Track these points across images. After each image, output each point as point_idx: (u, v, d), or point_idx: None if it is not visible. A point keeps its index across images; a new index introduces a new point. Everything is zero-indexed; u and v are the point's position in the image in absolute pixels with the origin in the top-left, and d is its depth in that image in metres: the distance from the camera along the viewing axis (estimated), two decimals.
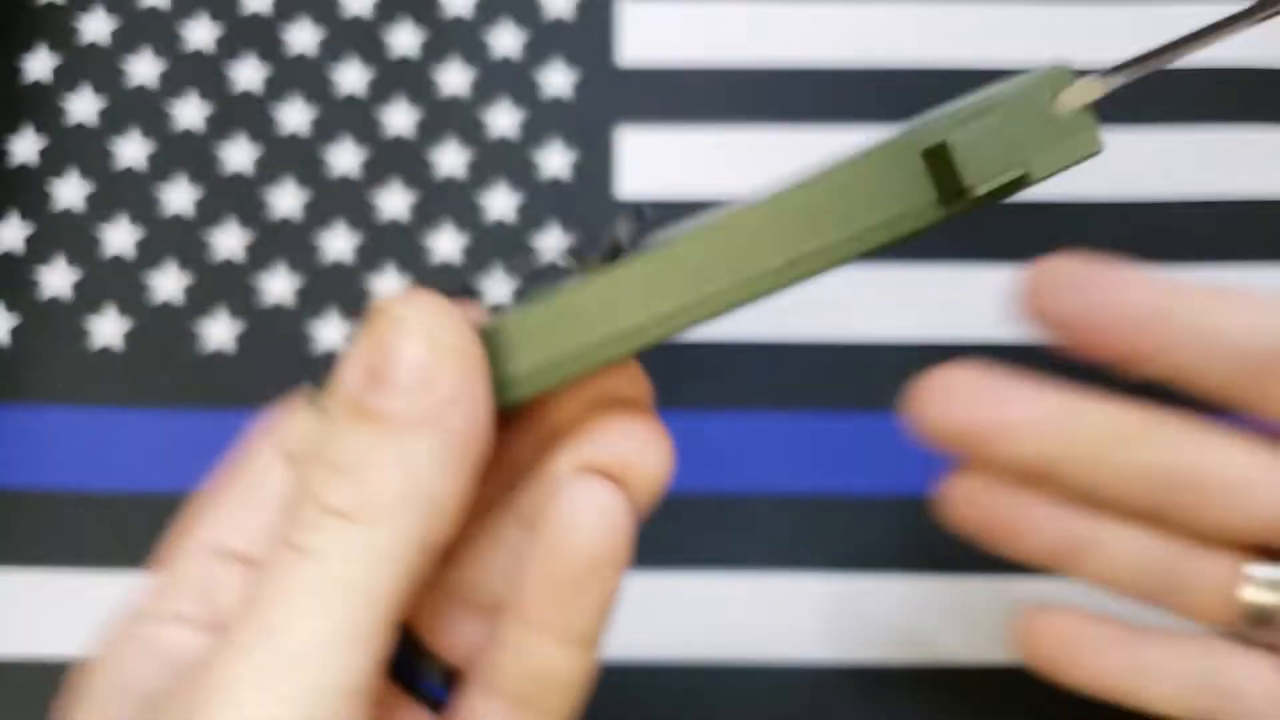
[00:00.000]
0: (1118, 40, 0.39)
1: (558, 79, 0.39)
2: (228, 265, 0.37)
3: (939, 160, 0.20)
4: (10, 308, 0.36)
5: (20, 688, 0.32)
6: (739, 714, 0.33)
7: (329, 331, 0.36)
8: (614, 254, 0.20)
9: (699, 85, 0.39)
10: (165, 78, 0.38)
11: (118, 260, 0.36)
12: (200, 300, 0.36)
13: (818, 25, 0.40)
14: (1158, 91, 0.38)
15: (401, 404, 0.19)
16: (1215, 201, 0.37)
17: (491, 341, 0.21)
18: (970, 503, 0.25)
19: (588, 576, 0.20)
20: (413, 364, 0.19)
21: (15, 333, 0.36)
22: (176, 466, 0.34)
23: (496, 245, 0.37)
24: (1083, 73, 0.20)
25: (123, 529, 0.34)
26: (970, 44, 0.39)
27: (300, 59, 0.39)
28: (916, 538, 0.34)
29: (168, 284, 0.36)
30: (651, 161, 0.38)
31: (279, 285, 0.36)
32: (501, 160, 0.38)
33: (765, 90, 0.39)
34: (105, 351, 0.36)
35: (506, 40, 0.39)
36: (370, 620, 0.19)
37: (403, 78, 0.39)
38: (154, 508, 0.34)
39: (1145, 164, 0.38)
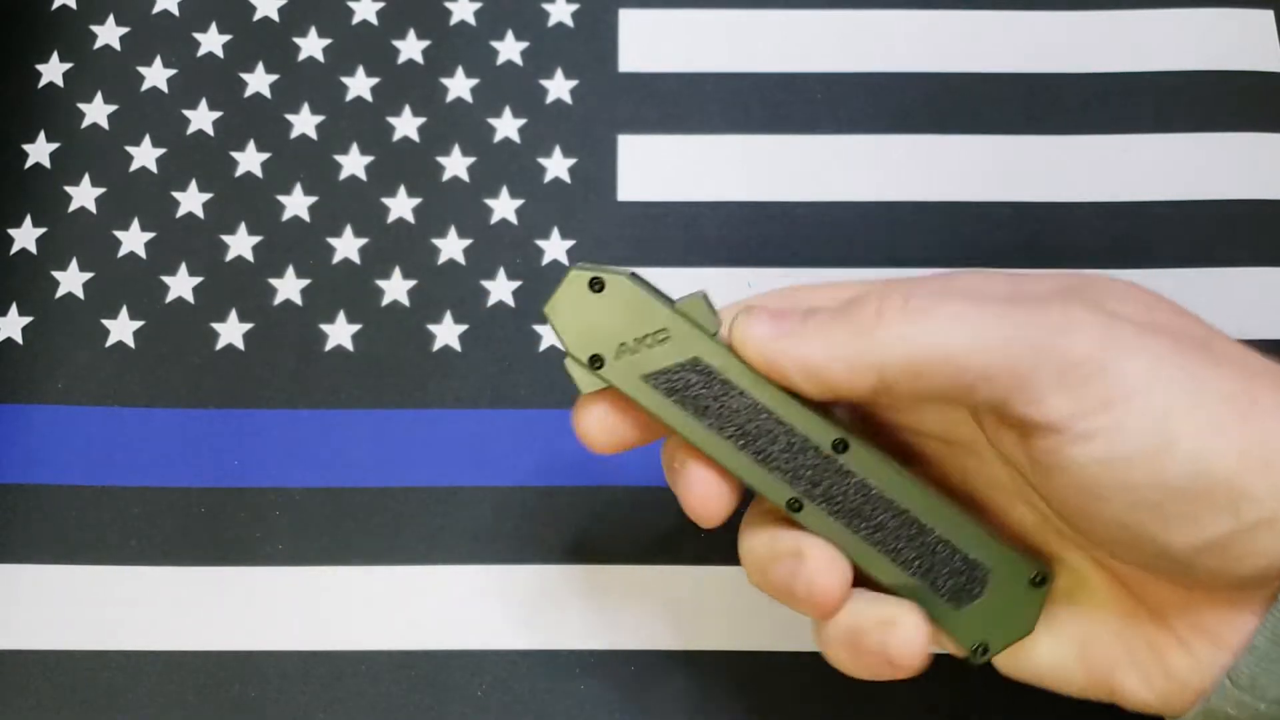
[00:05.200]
0: (1099, 46, 0.40)
1: (559, 85, 0.40)
2: (238, 266, 0.37)
3: None
4: (24, 308, 0.37)
5: (41, 679, 0.33)
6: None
7: (337, 331, 0.37)
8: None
9: (698, 92, 0.40)
10: (176, 83, 0.39)
11: (130, 261, 0.37)
12: (211, 300, 0.37)
13: (814, 34, 0.40)
14: (1147, 97, 0.39)
15: None
16: (1201, 203, 0.38)
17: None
18: None
19: None
20: None
21: (29, 332, 0.36)
22: (188, 463, 0.35)
23: (499, 247, 0.38)
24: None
25: (137, 525, 0.34)
26: (959, 50, 0.40)
27: (309, 65, 0.40)
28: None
29: (179, 285, 0.37)
30: (651, 166, 0.39)
31: (288, 285, 0.37)
32: (504, 164, 0.39)
33: (763, 96, 0.40)
34: (118, 351, 0.36)
35: (509, 48, 0.40)
36: None
37: (408, 84, 0.40)
38: (167, 504, 0.35)
39: (1131, 168, 0.39)
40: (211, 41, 0.40)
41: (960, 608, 0.26)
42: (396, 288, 0.37)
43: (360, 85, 0.40)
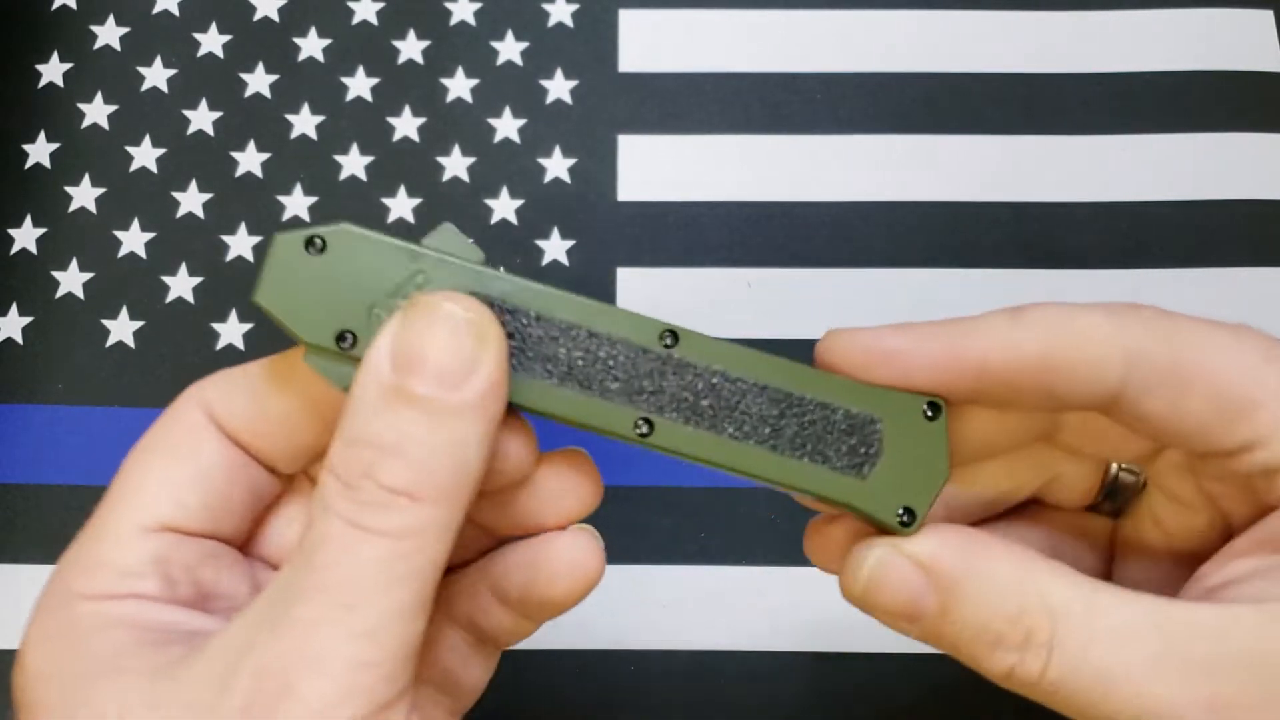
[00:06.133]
0: (1099, 46, 0.40)
1: (559, 85, 0.40)
2: (238, 266, 0.37)
3: None
4: (24, 308, 0.37)
5: None
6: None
7: None
8: None
9: (698, 92, 0.40)
10: (176, 83, 0.39)
11: (130, 261, 0.37)
12: (211, 300, 0.37)
13: (814, 34, 0.40)
14: (1147, 97, 0.39)
15: (447, 389, 0.19)
16: (1201, 203, 0.38)
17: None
18: None
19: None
20: (458, 351, 0.20)
21: (29, 332, 0.36)
22: None
23: (499, 246, 0.38)
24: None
25: None
26: (959, 50, 0.40)
27: (309, 65, 0.40)
28: None
29: (179, 285, 0.37)
30: (651, 166, 0.39)
31: None
32: (504, 164, 0.39)
33: (763, 96, 0.40)
34: (117, 351, 0.36)
35: (509, 48, 0.40)
36: (432, 589, 0.20)
37: (408, 84, 0.40)
38: None
39: (1131, 168, 0.39)
40: (211, 41, 0.40)
41: (864, 476, 0.22)
42: None
43: (360, 85, 0.40)
